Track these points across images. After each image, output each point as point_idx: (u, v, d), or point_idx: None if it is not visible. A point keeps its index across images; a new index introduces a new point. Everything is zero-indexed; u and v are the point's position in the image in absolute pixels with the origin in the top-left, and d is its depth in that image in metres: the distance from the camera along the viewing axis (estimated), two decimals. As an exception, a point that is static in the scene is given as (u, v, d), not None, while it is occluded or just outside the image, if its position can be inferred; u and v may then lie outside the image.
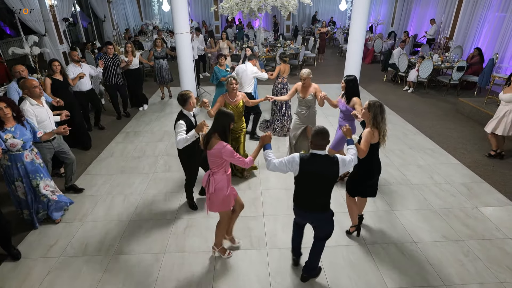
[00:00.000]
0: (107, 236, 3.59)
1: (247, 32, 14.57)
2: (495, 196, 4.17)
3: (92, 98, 6.16)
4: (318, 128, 2.52)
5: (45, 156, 3.81)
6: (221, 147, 2.75)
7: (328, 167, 2.51)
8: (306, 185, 2.60)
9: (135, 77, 7.21)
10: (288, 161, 2.55)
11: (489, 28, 9.08)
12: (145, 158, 5.25)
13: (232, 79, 4.00)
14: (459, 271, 3.07)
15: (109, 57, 6.38)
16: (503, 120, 4.82)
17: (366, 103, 3.10)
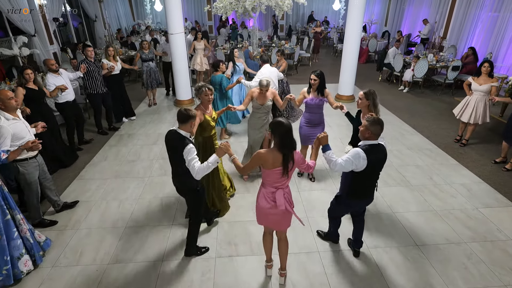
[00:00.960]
0: (102, 244, 3.47)
1: (241, 32, 14.46)
2: (494, 197, 4.16)
3: (76, 109, 5.50)
4: (375, 119, 2.63)
5: (33, 176, 3.40)
6: (298, 155, 2.52)
7: (383, 153, 2.69)
8: (369, 176, 2.72)
9: (120, 84, 6.47)
10: (354, 157, 2.58)
11: (482, 27, 9.14)
12: (140, 162, 5.13)
13: (207, 89, 3.44)
14: (463, 275, 3.03)
15: (90, 62, 5.60)
16: (463, 107, 5.28)
17: (362, 93, 3.36)
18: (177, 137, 2.79)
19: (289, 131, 2.43)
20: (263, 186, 2.65)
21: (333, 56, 13.51)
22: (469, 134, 5.43)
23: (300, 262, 3.20)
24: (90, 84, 5.71)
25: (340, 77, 7.66)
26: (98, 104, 5.94)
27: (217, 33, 16.81)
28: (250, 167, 2.59)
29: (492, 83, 4.98)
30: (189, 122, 2.78)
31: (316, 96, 4.10)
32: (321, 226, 3.64)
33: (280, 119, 2.48)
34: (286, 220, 2.69)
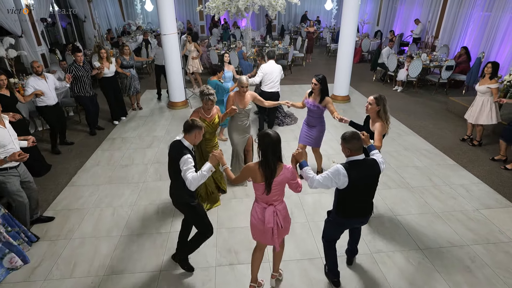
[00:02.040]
0: (97, 254, 3.33)
1: (233, 32, 14.34)
2: (494, 197, 4.15)
3: (58, 114, 5.34)
4: (349, 133, 2.47)
5: (14, 186, 3.26)
6: (287, 169, 2.39)
7: (371, 169, 2.49)
8: (356, 194, 2.51)
9: (115, 85, 6.37)
10: (333, 174, 2.41)
11: (474, 27, 9.21)
12: (134, 167, 4.98)
13: (209, 100, 3.44)
14: (468, 279, 2.99)
15: (79, 66, 5.49)
16: (479, 109, 5.22)
17: (372, 98, 3.23)
18: (178, 146, 2.65)
19: (274, 145, 2.30)
20: (256, 200, 2.55)
21: (326, 56, 13.49)
22: (478, 134, 5.42)
23: (302, 269, 3.12)
24: (78, 88, 5.59)
25: (335, 78, 7.61)
26: (87, 105, 5.83)
27: (209, 33, 16.67)
28: (240, 179, 2.55)
29: (489, 85, 5.00)
30: (194, 132, 2.63)
31: (315, 101, 4.02)
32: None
33: (269, 131, 2.35)
34: (280, 235, 2.57)
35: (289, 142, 5.69)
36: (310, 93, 4.10)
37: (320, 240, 3.44)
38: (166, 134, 6.09)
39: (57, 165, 5.02)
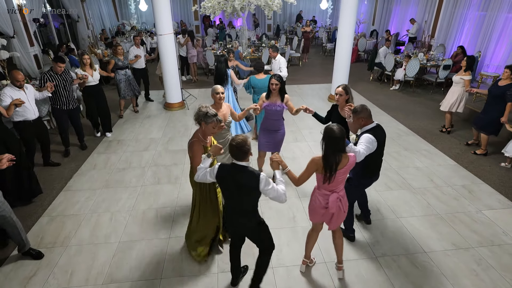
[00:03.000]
0: (95, 261, 3.23)
1: (229, 32, 14.24)
2: (496, 198, 4.13)
3: (40, 130, 4.67)
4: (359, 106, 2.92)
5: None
6: (353, 159, 2.53)
7: (382, 130, 3.01)
8: (379, 154, 3.01)
9: (99, 95, 5.72)
10: (369, 143, 2.80)
11: (470, 26, 9.25)
12: (131, 170, 4.87)
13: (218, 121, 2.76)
14: (475, 282, 2.95)
15: (55, 74, 4.81)
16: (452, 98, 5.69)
17: (341, 89, 3.44)
18: (242, 171, 2.31)
19: (336, 140, 2.40)
20: (317, 188, 2.67)
21: (323, 56, 13.47)
22: (447, 122, 5.98)
23: (307, 274, 3.06)
24: (54, 99, 4.93)
25: (333, 78, 7.57)
26: (62, 121, 5.09)
27: (204, 33, 16.55)
28: (306, 176, 2.56)
29: (463, 76, 5.51)
30: (248, 155, 2.33)
31: (277, 102, 3.90)
32: (326, 235, 3.51)
33: (333, 126, 2.44)
34: (340, 217, 2.72)
35: (289, 143, 5.63)
36: (267, 95, 3.93)
37: (323, 244, 3.38)
38: (163, 136, 5.98)
39: (52, 168, 4.90)
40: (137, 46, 7.41)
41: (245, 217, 2.49)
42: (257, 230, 2.55)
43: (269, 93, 3.92)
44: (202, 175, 2.50)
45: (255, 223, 2.52)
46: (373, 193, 4.19)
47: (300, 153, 5.33)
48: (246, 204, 2.44)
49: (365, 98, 8.02)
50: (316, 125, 6.27)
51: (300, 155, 5.26)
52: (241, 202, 2.43)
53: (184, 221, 3.73)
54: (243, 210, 2.47)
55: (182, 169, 4.82)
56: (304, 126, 6.32)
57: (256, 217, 2.53)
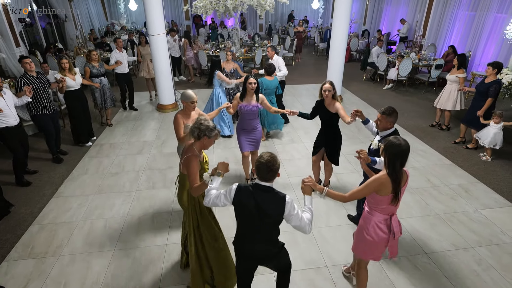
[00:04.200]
0: (89, 271, 3.11)
1: (221, 32, 14.13)
2: (492, 197, 4.16)
3: (21, 137, 4.42)
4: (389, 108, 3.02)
5: None
6: (407, 175, 2.29)
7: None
8: None
9: (81, 100, 5.42)
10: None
11: (460, 26, 9.35)
12: (124, 174, 4.75)
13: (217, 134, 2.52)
14: (476, 283, 2.95)
15: (31, 77, 4.51)
16: (445, 96, 5.82)
17: (329, 85, 3.58)
18: (266, 193, 2.06)
19: (404, 154, 2.15)
20: (371, 214, 2.36)
21: (315, 56, 13.48)
22: (446, 119, 6.08)
23: (308, 279, 3.01)
24: (34, 105, 4.61)
25: (328, 77, 7.54)
26: (47, 126, 4.81)
27: (195, 33, 16.38)
28: (361, 195, 2.29)
29: (458, 74, 5.59)
30: (276, 175, 2.08)
31: (251, 102, 3.91)
32: (326, 238, 3.47)
33: (399, 138, 2.17)
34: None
35: (285, 145, 5.58)
36: (241, 96, 3.91)
37: (324, 248, 3.34)
38: (157, 139, 5.86)
39: (42, 174, 4.74)
40: (119, 50, 6.82)
41: (264, 244, 2.17)
42: (277, 256, 2.24)
43: (244, 93, 3.90)
44: (214, 198, 2.16)
45: (277, 249, 2.22)
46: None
47: (297, 154, 5.28)
48: (266, 231, 2.14)
49: (359, 98, 8.03)
50: (312, 125, 6.23)
51: (298, 156, 5.21)
52: (259, 228, 2.11)
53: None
54: (263, 238, 2.15)
55: (177, 173, 4.71)
56: (299, 127, 6.28)
57: (278, 243, 2.24)
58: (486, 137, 4.88)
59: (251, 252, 2.19)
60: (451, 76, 5.73)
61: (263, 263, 2.30)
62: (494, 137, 4.81)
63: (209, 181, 2.26)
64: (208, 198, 2.20)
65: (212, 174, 2.32)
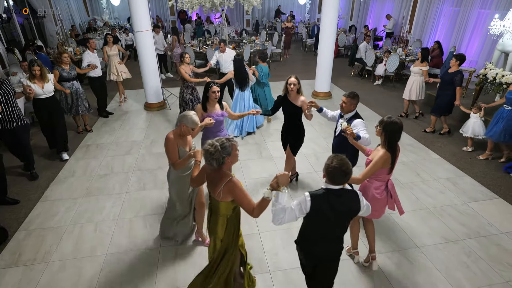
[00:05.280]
0: (81, 277, 3.03)
1: (207, 28, 13.95)
2: (479, 190, 4.27)
3: None
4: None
5: None
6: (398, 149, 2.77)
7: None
8: None
9: (52, 109, 4.81)
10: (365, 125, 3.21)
11: (445, 22, 9.53)
12: (113, 176, 4.64)
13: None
14: (467, 275, 3.03)
15: None
16: (412, 87, 6.18)
17: (294, 79, 3.74)
18: (341, 196, 2.05)
19: (401, 130, 2.58)
20: (370, 183, 2.77)
21: (303, 51, 13.48)
22: (417, 108, 6.55)
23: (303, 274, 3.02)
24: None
25: (317, 74, 7.58)
26: (11, 143, 4.33)
27: (181, 28, 16.13)
28: (371, 173, 2.65)
29: (421, 67, 6.00)
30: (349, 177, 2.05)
31: (215, 111, 3.54)
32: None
33: (395, 118, 2.56)
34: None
35: (275, 141, 5.57)
36: (204, 106, 3.54)
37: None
38: (146, 138, 5.75)
39: (26, 177, 4.57)
40: (92, 51, 6.22)
41: (334, 242, 2.20)
42: (338, 257, 2.28)
43: (206, 103, 3.51)
44: (287, 216, 2.02)
45: (340, 249, 2.25)
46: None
47: (288, 151, 5.28)
48: (339, 230, 2.16)
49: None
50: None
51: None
52: (334, 228, 2.13)
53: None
54: (335, 237, 2.18)
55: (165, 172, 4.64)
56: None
57: (342, 242, 2.26)
58: (467, 128, 5.15)
59: (315, 250, 2.21)
60: (414, 68, 6.12)
61: (324, 263, 2.26)
62: (473, 126, 5.07)
63: (271, 197, 2.03)
64: (278, 217, 2.03)
65: (273, 189, 1.99)
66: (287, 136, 4.09)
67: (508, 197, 4.10)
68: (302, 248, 2.28)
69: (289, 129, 4.03)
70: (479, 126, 5.04)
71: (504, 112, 4.64)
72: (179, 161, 2.83)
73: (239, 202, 2.17)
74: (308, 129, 6.02)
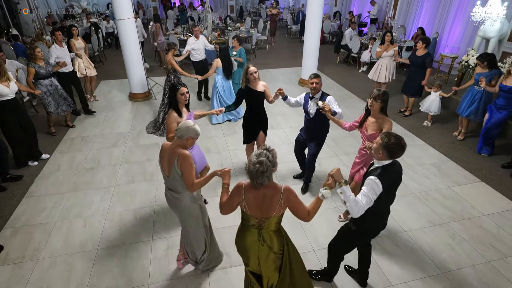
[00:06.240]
0: (72, 273, 3.00)
1: (191, 14, 13.59)
2: (462, 174, 4.43)
3: None
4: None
5: None
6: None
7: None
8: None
9: (19, 112, 4.37)
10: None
11: (428, 7, 9.60)
12: (101, 169, 4.55)
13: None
14: (451, 256, 3.16)
15: None
16: (377, 70, 6.47)
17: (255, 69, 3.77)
18: (398, 165, 2.37)
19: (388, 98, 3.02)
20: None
21: (288, 38, 13.37)
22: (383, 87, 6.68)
23: (297, 265, 3.08)
24: None
25: (303, 62, 7.55)
26: None
27: (163, 15, 15.66)
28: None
29: (394, 48, 6.29)
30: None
31: (186, 114, 3.29)
32: (311, 223, 3.55)
33: (381, 90, 2.93)
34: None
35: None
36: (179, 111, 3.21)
37: (311, 233, 3.43)
38: (132, 130, 5.64)
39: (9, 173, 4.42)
40: (60, 44, 5.48)
41: (389, 212, 2.51)
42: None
43: (177, 105, 3.19)
44: (366, 202, 2.14)
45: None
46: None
47: (278, 140, 5.30)
48: (393, 198, 2.42)
49: (334, 81, 8.13)
50: (289, 111, 6.26)
51: (278, 142, 5.23)
52: (393, 198, 2.42)
53: (166, 221, 3.57)
54: (390, 206, 2.46)
55: (156, 165, 4.59)
56: (277, 113, 6.27)
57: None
58: (425, 104, 5.68)
59: (384, 224, 2.52)
60: (390, 51, 6.33)
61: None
62: (430, 104, 5.59)
63: (327, 197, 2.04)
64: (356, 209, 2.11)
65: (331, 187, 2.04)
66: (258, 124, 4.10)
67: (489, 180, 4.27)
68: (367, 229, 2.46)
69: (259, 116, 4.07)
70: (436, 105, 5.55)
71: (475, 92, 4.99)
72: (198, 181, 2.45)
73: (295, 209, 2.07)
74: (295, 117, 6.09)
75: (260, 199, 2.04)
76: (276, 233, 2.18)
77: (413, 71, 5.85)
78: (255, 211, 2.07)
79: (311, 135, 3.79)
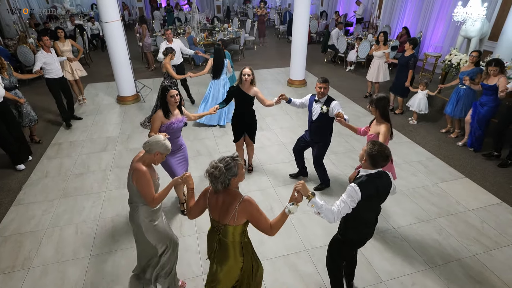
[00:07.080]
0: (66, 281, 2.97)
1: (178, 15, 13.50)
2: (447, 170, 4.57)
3: None
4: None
5: None
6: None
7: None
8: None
9: (6, 115, 4.37)
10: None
11: (412, 7, 9.82)
12: (90, 175, 4.50)
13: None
14: (439, 251, 3.27)
15: None
16: (375, 70, 6.68)
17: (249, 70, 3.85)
18: (381, 177, 2.26)
19: (388, 103, 3.17)
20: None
21: (276, 38, 13.44)
22: (376, 90, 6.88)
23: (291, 264, 3.14)
24: None
25: (292, 62, 7.62)
26: None
27: (149, 16, 15.51)
28: (387, 142, 3.03)
29: (384, 50, 6.47)
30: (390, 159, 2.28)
31: (177, 117, 3.26)
32: (303, 224, 3.62)
33: (380, 95, 3.06)
34: None
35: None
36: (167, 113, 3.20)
37: (303, 233, 3.49)
38: (121, 134, 5.59)
39: (-5, 181, 4.34)
40: (47, 50, 5.21)
41: (376, 222, 2.47)
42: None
43: (168, 108, 3.17)
44: (341, 210, 2.16)
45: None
46: (339, 174, 4.39)
47: (267, 141, 5.35)
48: (379, 209, 2.41)
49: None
50: (279, 112, 6.32)
51: (268, 144, 5.28)
52: (378, 208, 2.39)
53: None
54: (377, 216, 2.44)
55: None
56: (267, 114, 6.31)
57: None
58: (413, 103, 5.77)
59: (369, 234, 2.47)
60: (378, 52, 6.57)
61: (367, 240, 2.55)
62: (419, 102, 5.69)
63: (294, 212, 1.97)
64: (332, 216, 2.12)
65: (297, 202, 1.96)
66: (243, 125, 4.14)
67: (473, 176, 4.43)
68: (351, 238, 2.44)
69: (245, 117, 4.09)
70: (424, 103, 5.68)
71: (460, 91, 5.15)
72: (158, 195, 2.34)
73: (254, 222, 2.00)
74: (285, 118, 6.16)
75: (220, 203, 2.02)
76: (232, 247, 2.07)
77: (400, 71, 6.03)
78: (214, 213, 2.08)
79: (314, 139, 3.87)
